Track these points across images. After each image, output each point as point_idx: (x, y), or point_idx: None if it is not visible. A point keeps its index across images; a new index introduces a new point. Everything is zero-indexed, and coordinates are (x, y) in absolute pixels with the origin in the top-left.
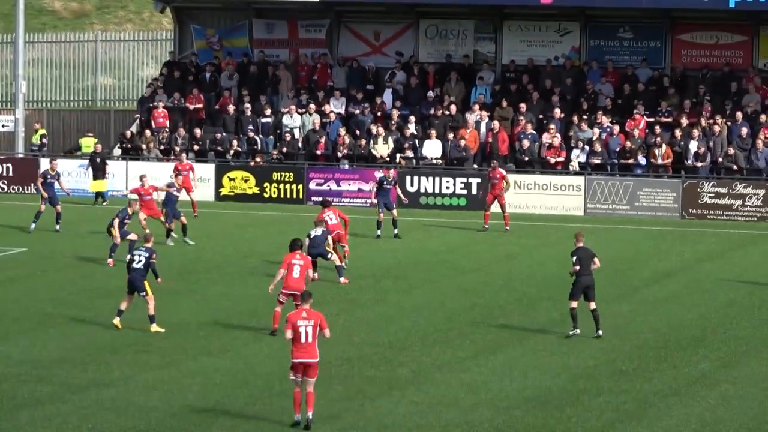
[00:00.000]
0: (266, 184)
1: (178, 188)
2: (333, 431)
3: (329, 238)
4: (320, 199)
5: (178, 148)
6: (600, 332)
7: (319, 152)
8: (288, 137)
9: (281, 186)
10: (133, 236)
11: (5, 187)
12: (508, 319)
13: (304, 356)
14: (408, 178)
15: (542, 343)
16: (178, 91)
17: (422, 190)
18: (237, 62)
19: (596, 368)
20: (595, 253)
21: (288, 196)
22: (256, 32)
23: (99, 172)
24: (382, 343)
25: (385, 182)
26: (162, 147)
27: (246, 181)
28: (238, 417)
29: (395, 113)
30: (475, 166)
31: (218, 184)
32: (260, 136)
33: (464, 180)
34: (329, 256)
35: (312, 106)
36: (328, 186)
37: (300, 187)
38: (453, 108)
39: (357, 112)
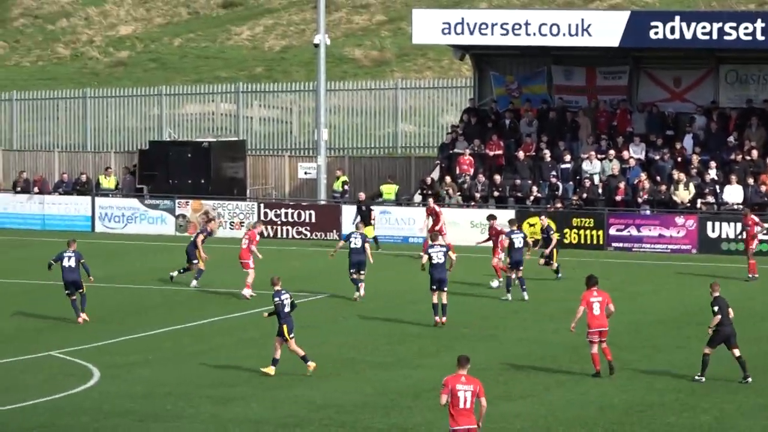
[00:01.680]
0: (566, 230)
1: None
2: None
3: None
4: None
5: (478, 195)
6: (749, 379)
7: (618, 198)
8: (587, 183)
9: (581, 232)
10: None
11: (308, 234)
12: None
13: (466, 422)
14: (709, 224)
15: None
16: (477, 138)
17: (723, 236)
18: (536, 109)
19: None
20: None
21: (588, 241)
22: (554, 78)
23: (366, 219)
24: (684, 389)
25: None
26: (462, 193)
27: None
28: None
29: (695, 158)
30: None
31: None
32: (560, 182)
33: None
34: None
35: (611, 152)
36: (629, 231)
37: (600, 232)
38: (754, 153)
39: (657, 157)
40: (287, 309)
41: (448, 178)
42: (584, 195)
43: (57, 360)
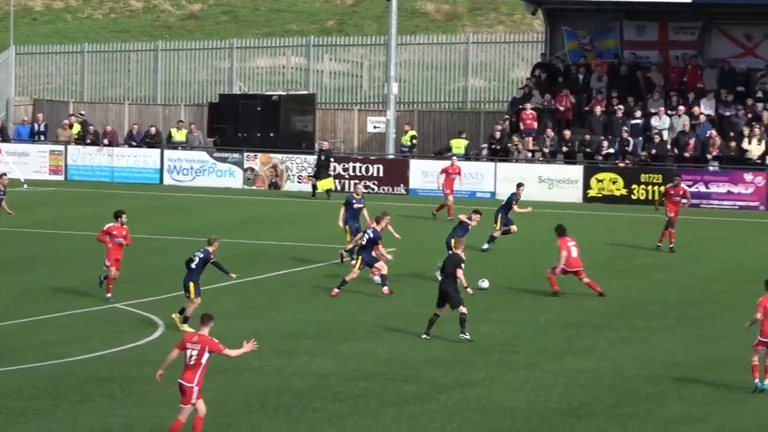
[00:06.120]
0: (634, 186)
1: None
2: None
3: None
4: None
5: (546, 150)
6: (466, 335)
7: (687, 154)
8: (657, 139)
9: (649, 188)
10: None
11: (375, 188)
12: None
13: (187, 379)
14: None
15: None
16: (548, 93)
17: None
18: (607, 64)
19: None
20: (460, 264)
21: (656, 198)
22: (626, 34)
23: (323, 170)
24: (749, 346)
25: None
26: (530, 149)
27: (614, 182)
28: (602, 419)
29: (766, 115)
30: None
31: (586, 186)
32: (630, 137)
33: None
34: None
35: (681, 107)
36: (697, 188)
37: None
38: None
39: (727, 113)
40: (193, 265)
41: (516, 135)
42: (653, 151)
43: (122, 312)
